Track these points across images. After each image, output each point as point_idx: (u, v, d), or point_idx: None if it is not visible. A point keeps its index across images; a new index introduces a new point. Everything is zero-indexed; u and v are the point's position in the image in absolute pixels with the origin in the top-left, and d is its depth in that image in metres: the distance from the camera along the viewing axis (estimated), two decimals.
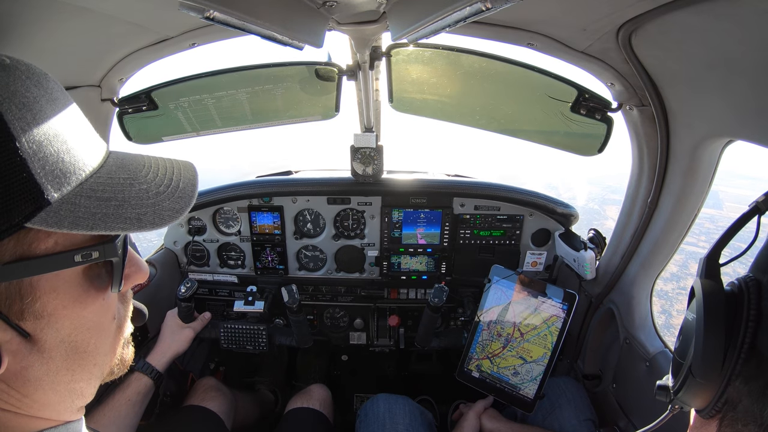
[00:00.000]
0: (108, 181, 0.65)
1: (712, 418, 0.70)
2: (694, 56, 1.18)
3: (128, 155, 0.75)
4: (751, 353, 0.63)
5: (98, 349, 0.70)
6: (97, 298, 0.66)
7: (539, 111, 1.93)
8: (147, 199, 0.66)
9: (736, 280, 0.69)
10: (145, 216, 0.64)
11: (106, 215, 0.60)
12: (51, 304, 0.60)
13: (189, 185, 0.74)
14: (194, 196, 0.73)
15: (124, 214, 0.62)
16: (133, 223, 0.62)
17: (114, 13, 1.31)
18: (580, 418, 1.90)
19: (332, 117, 2.24)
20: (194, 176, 0.77)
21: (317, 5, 1.20)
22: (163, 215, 0.66)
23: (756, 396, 0.62)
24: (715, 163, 1.50)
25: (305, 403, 2.21)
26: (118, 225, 0.61)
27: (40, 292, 0.58)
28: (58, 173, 0.57)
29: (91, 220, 0.58)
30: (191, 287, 2.23)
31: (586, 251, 2.12)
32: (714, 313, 0.68)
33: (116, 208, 0.62)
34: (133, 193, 0.66)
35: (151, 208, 0.66)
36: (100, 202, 0.61)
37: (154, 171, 0.73)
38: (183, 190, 0.72)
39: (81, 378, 0.69)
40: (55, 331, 0.62)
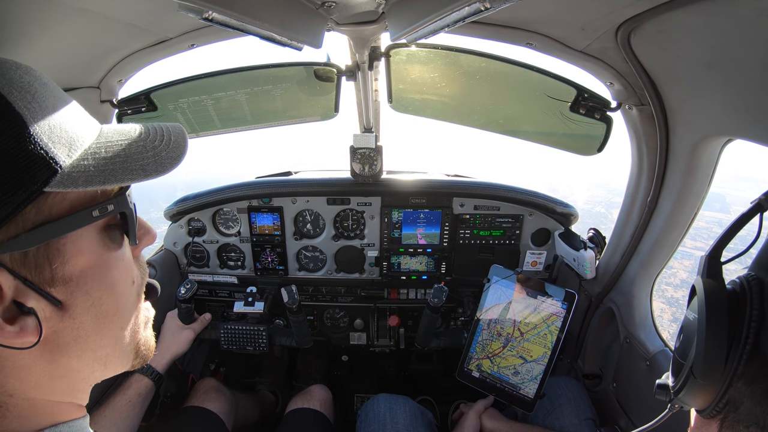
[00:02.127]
0: (108, 144, 0.69)
1: (713, 418, 0.69)
2: (692, 55, 1.18)
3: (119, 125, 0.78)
4: (754, 354, 0.63)
5: (123, 312, 0.74)
6: (117, 257, 0.71)
7: (538, 111, 1.93)
8: (146, 152, 0.71)
9: (737, 279, 0.68)
10: (148, 166, 0.69)
11: (113, 170, 0.65)
12: (78, 266, 0.64)
13: (180, 138, 0.79)
14: (186, 145, 0.78)
15: (130, 167, 0.67)
16: (138, 173, 0.67)
17: (113, 15, 1.31)
18: (580, 417, 1.90)
19: (331, 117, 2.24)
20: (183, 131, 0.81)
21: (316, 6, 1.20)
22: (164, 163, 0.71)
23: (758, 398, 0.61)
24: (714, 162, 1.50)
25: (305, 404, 2.21)
26: (126, 176, 0.65)
27: (67, 255, 0.62)
28: (64, 141, 0.62)
29: (101, 176, 0.63)
30: (191, 288, 2.23)
31: (586, 251, 2.12)
32: (716, 313, 0.67)
33: (122, 163, 0.66)
34: (133, 149, 0.70)
35: (152, 159, 0.70)
36: (106, 161, 0.65)
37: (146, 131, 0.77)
38: (176, 142, 0.77)
39: (108, 343, 0.73)
40: (85, 294, 0.66)
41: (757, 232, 0.77)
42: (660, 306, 15.13)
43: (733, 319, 0.65)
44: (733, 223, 0.75)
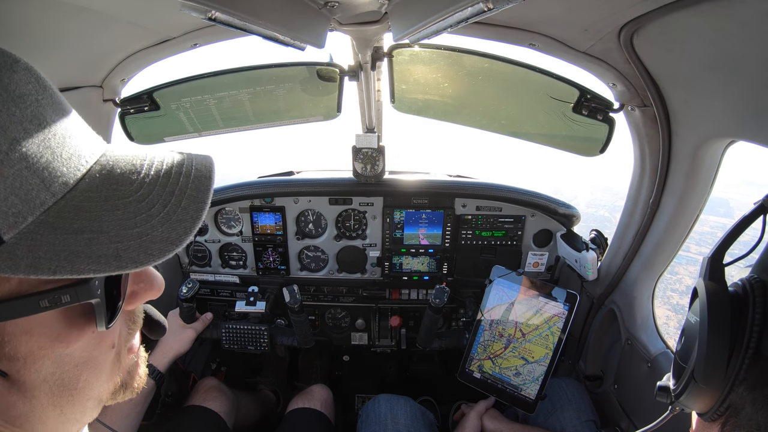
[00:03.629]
0: (84, 203, 0.52)
1: (714, 422, 0.69)
2: (695, 57, 1.18)
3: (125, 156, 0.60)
4: (756, 359, 0.62)
5: (91, 384, 0.60)
6: (82, 334, 0.56)
7: (541, 111, 1.93)
8: (132, 227, 0.52)
9: (740, 281, 0.67)
10: (126, 252, 0.50)
11: (73, 253, 0.48)
12: (24, 347, 0.51)
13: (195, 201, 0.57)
14: (199, 218, 0.56)
15: (98, 251, 0.49)
16: (109, 263, 0.49)
17: (116, 14, 1.31)
18: (581, 418, 1.90)
19: (334, 117, 2.24)
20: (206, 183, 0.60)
21: (319, 6, 1.20)
22: (152, 250, 0.51)
23: (760, 404, 0.61)
24: (717, 163, 1.49)
25: (306, 404, 2.21)
26: (88, 266, 0.48)
27: (8, 336, 0.50)
28: (14, 202, 0.46)
29: (54, 261, 0.46)
30: (193, 288, 2.23)
31: (588, 252, 2.12)
32: (717, 317, 0.66)
33: (88, 243, 0.49)
34: (114, 219, 0.52)
35: (136, 240, 0.51)
36: (68, 236, 0.49)
37: (152, 180, 0.57)
38: (185, 209, 0.56)
39: (73, 411, 0.60)
40: (35, 372, 0.53)
41: (760, 234, 0.76)
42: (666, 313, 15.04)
43: (735, 323, 0.65)
44: (736, 225, 0.74)
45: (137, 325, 0.71)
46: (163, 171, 0.59)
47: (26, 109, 0.49)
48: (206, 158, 0.64)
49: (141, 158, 0.60)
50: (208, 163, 0.63)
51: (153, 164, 0.60)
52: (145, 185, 0.56)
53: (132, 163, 0.59)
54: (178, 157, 0.62)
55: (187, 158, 0.62)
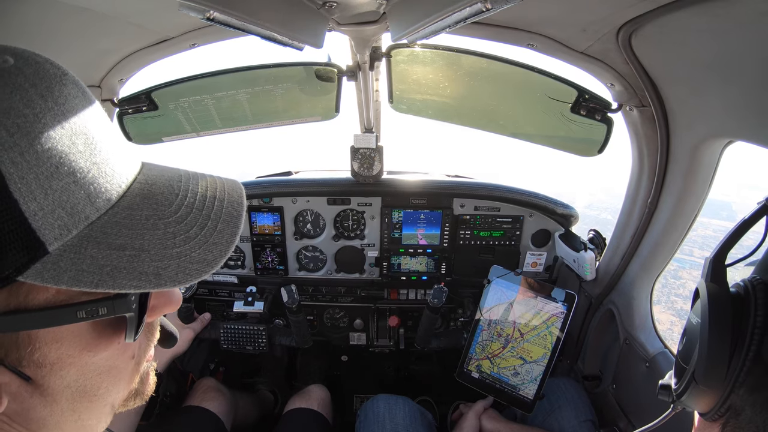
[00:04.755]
0: (126, 220, 0.53)
1: (715, 422, 0.69)
2: (694, 57, 1.19)
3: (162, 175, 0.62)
4: (757, 361, 0.61)
5: (110, 391, 0.62)
6: (110, 344, 0.58)
7: (539, 112, 1.93)
8: (172, 247, 0.54)
9: (741, 282, 0.67)
10: (166, 271, 0.52)
11: (116, 269, 0.49)
12: (53, 354, 0.52)
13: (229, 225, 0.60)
14: (234, 241, 0.59)
15: (140, 268, 0.51)
16: (149, 280, 0.51)
17: (114, 14, 1.31)
18: (579, 418, 1.90)
19: (332, 117, 2.24)
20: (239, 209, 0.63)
21: (317, 6, 1.20)
22: (190, 270, 0.53)
23: (759, 407, 0.61)
24: (715, 163, 1.50)
25: (304, 404, 2.21)
26: (130, 282, 0.50)
27: (39, 343, 0.51)
28: (60, 215, 0.47)
29: (97, 275, 0.48)
30: (191, 288, 2.23)
31: (586, 252, 2.12)
32: (718, 318, 0.66)
33: (130, 260, 0.51)
34: (155, 238, 0.54)
35: (176, 260, 0.53)
36: (111, 251, 0.50)
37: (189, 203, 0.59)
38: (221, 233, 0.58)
39: (90, 417, 0.62)
40: (60, 378, 0.54)
41: (764, 234, 0.76)
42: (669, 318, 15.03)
43: (736, 325, 0.64)
44: (738, 225, 0.73)
45: (155, 337, 0.73)
46: (199, 194, 0.62)
47: (75, 124, 0.50)
48: (236, 183, 0.68)
49: (177, 179, 0.63)
50: (240, 190, 0.67)
51: (189, 186, 0.62)
52: (183, 207, 0.59)
53: (169, 184, 0.61)
54: (210, 181, 0.65)
55: (219, 182, 0.66)
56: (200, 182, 0.64)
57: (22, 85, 0.47)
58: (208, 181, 0.65)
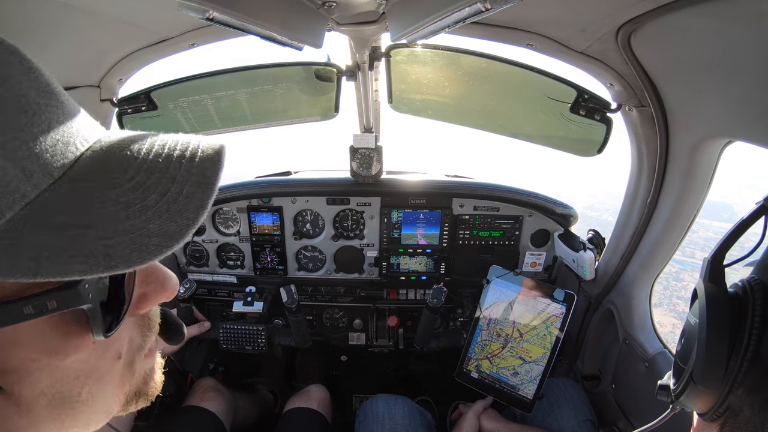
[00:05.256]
0: (70, 194, 0.44)
1: (714, 422, 0.69)
2: (693, 57, 1.19)
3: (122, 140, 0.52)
4: (755, 362, 0.61)
5: (96, 396, 0.53)
6: (80, 344, 0.49)
7: (538, 112, 1.93)
8: (125, 220, 0.44)
9: (740, 282, 0.67)
10: (116, 249, 0.42)
11: (56, 252, 0.41)
12: (15, 359, 0.45)
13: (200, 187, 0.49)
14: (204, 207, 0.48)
15: (85, 249, 0.42)
16: (98, 262, 0.41)
17: (113, 14, 1.31)
18: (579, 418, 1.90)
19: (332, 117, 2.24)
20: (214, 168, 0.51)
21: (316, 6, 1.20)
22: (147, 246, 0.44)
23: (757, 408, 0.60)
24: (714, 163, 1.50)
25: (303, 404, 2.21)
26: (73, 267, 0.41)
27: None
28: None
29: (34, 261, 0.40)
30: (190, 288, 2.22)
31: (586, 252, 2.12)
32: (716, 318, 0.66)
33: (73, 240, 0.42)
34: (105, 212, 0.44)
35: (128, 234, 0.44)
36: (51, 232, 0.42)
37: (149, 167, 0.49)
38: (188, 197, 0.48)
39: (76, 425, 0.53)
40: (30, 385, 0.47)
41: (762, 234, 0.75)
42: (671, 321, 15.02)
43: (734, 325, 0.64)
44: (736, 225, 0.73)
45: (153, 331, 0.63)
46: (164, 155, 0.50)
47: (6, 93, 0.42)
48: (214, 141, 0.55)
49: (140, 141, 0.52)
50: (217, 146, 0.54)
51: (153, 148, 0.51)
52: (141, 172, 0.48)
53: (129, 147, 0.51)
54: (183, 139, 0.54)
55: (194, 140, 0.54)
56: (168, 142, 0.53)
57: None
58: (180, 140, 0.53)
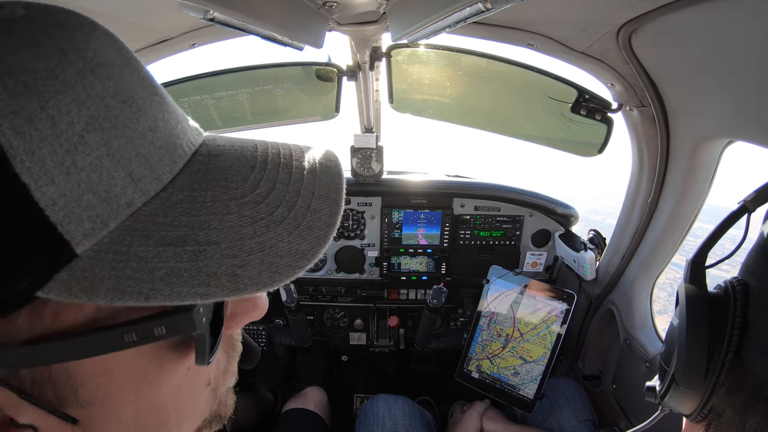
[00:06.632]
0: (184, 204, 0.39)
1: (700, 423, 0.69)
2: (694, 57, 1.18)
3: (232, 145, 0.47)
4: (735, 363, 0.61)
5: (180, 425, 0.48)
6: (175, 371, 0.43)
7: (539, 111, 1.93)
8: (251, 236, 0.39)
9: (723, 283, 0.66)
10: (245, 269, 0.37)
11: (173, 272, 0.35)
12: (102, 390, 0.39)
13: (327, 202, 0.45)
14: (335, 224, 0.44)
15: (207, 268, 0.36)
16: (222, 285, 0.36)
17: (114, 14, 1.31)
18: (579, 418, 1.90)
19: (332, 117, 2.24)
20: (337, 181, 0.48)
21: (317, 6, 1.20)
22: (278, 266, 0.39)
23: (739, 408, 0.60)
24: (715, 163, 1.50)
25: (300, 405, 2.21)
26: (194, 290, 0.35)
27: (82, 378, 0.38)
28: (91, 201, 0.34)
29: (147, 283, 0.34)
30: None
31: (586, 252, 2.12)
32: (695, 320, 0.65)
33: (193, 258, 0.36)
34: (227, 225, 0.39)
35: (258, 253, 0.38)
36: (166, 248, 0.36)
37: (270, 176, 0.44)
38: (317, 213, 0.44)
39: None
40: (114, 418, 0.41)
41: (743, 235, 0.75)
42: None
43: (715, 326, 0.64)
44: (718, 226, 0.72)
45: (237, 352, 0.57)
46: (282, 164, 0.46)
47: (107, 81, 0.37)
48: (328, 150, 0.52)
49: (251, 148, 0.47)
50: (333, 156, 0.51)
51: (268, 156, 0.47)
52: (262, 181, 0.44)
53: (242, 154, 0.46)
54: (295, 148, 0.50)
55: (305, 149, 0.50)
56: (282, 150, 0.48)
57: (34, 37, 0.34)
58: (292, 149, 0.49)
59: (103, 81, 0.37)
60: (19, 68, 0.32)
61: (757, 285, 0.60)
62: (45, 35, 0.35)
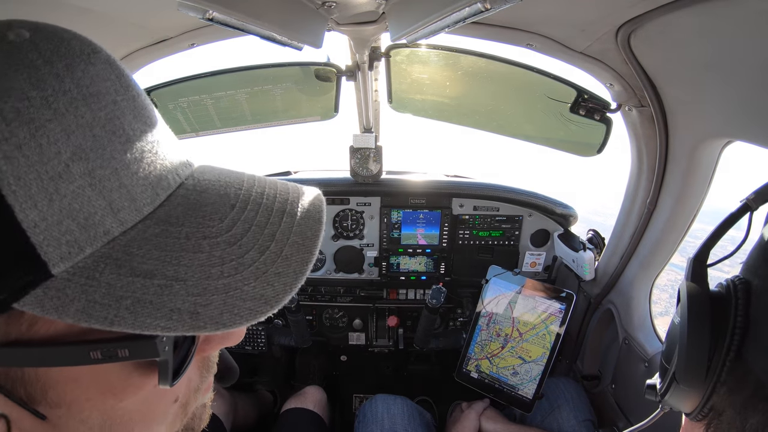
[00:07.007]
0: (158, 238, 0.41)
1: (700, 422, 0.69)
2: (693, 57, 1.19)
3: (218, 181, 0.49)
4: (736, 363, 0.61)
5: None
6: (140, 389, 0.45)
7: (538, 111, 1.93)
8: (218, 277, 0.41)
9: (724, 281, 0.66)
10: (207, 309, 0.39)
11: (139, 302, 0.37)
12: (69, 395, 0.41)
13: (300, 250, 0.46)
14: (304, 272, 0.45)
15: (171, 303, 0.38)
16: (183, 320, 0.38)
17: (113, 14, 1.30)
18: (578, 418, 1.90)
19: (331, 117, 2.24)
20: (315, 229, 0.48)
21: (316, 6, 1.20)
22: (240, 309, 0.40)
23: (739, 408, 0.60)
24: (714, 163, 1.50)
25: (299, 404, 2.21)
26: (155, 322, 0.37)
27: (52, 382, 0.40)
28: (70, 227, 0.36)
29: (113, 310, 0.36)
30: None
31: (585, 252, 2.12)
32: (697, 319, 0.65)
33: (159, 292, 0.38)
34: (196, 263, 0.41)
35: (222, 294, 0.40)
36: (135, 278, 0.38)
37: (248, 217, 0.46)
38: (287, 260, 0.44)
39: None
40: (80, 421, 0.43)
41: (745, 233, 0.75)
42: None
43: (716, 325, 0.63)
44: (720, 225, 0.72)
45: (211, 372, 0.58)
46: (263, 206, 0.48)
47: (99, 111, 0.39)
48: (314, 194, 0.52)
49: (236, 185, 0.49)
50: (319, 202, 0.51)
51: (251, 196, 0.48)
52: (238, 222, 0.45)
53: (225, 192, 0.48)
54: (281, 188, 0.51)
55: (293, 190, 0.51)
56: (267, 190, 0.50)
57: (33, 62, 0.36)
58: (278, 189, 0.51)
59: (95, 111, 0.39)
60: (14, 95, 0.34)
61: (759, 284, 0.60)
62: (44, 60, 0.37)
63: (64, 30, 0.41)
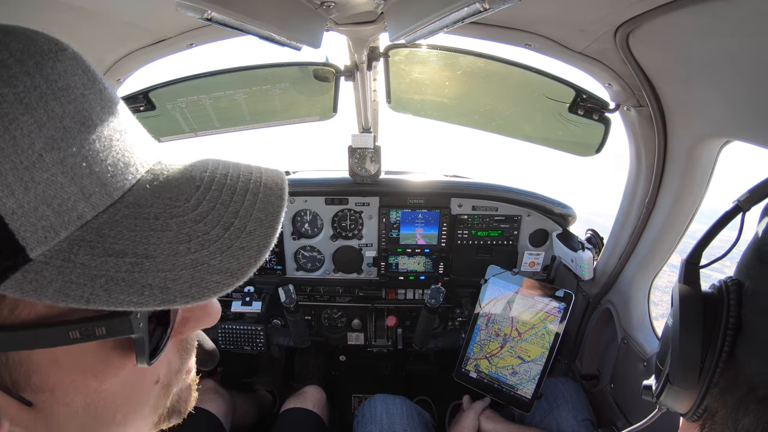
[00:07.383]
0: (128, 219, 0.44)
1: (695, 422, 0.69)
2: (691, 57, 1.19)
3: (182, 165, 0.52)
4: (729, 364, 0.61)
5: (130, 418, 0.52)
6: (120, 369, 0.47)
7: (537, 111, 1.93)
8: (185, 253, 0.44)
9: (717, 282, 0.66)
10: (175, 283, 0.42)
11: (112, 280, 0.40)
12: (52, 379, 0.43)
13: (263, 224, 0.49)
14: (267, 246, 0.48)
15: (142, 279, 0.41)
16: (154, 295, 0.41)
17: (111, 13, 1.30)
18: (578, 418, 1.91)
19: (330, 117, 2.24)
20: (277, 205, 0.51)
21: (315, 6, 1.20)
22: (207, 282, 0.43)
23: (732, 408, 0.60)
24: (712, 163, 1.50)
25: (299, 404, 2.21)
26: (128, 298, 0.40)
27: (35, 365, 0.42)
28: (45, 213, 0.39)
29: (88, 288, 0.39)
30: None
31: (584, 251, 2.13)
32: (690, 321, 0.65)
33: (131, 269, 0.41)
34: (165, 241, 0.44)
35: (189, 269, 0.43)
36: (107, 258, 0.41)
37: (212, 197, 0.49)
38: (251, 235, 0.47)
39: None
40: (65, 405, 0.45)
41: (738, 234, 0.74)
42: None
43: (709, 326, 0.63)
44: (712, 226, 0.72)
45: (190, 354, 0.61)
46: (227, 185, 0.51)
47: (68, 105, 0.41)
48: (276, 173, 0.56)
49: (201, 168, 0.52)
50: (280, 180, 0.55)
51: (216, 176, 0.51)
52: (204, 202, 0.48)
53: (190, 175, 0.51)
54: (245, 169, 0.54)
55: (255, 171, 0.55)
56: (230, 171, 0.53)
57: (5, 62, 0.39)
58: (241, 170, 0.54)
59: (64, 105, 0.41)
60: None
61: (751, 285, 0.60)
62: (15, 60, 0.40)
63: (33, 30, 0.44)
